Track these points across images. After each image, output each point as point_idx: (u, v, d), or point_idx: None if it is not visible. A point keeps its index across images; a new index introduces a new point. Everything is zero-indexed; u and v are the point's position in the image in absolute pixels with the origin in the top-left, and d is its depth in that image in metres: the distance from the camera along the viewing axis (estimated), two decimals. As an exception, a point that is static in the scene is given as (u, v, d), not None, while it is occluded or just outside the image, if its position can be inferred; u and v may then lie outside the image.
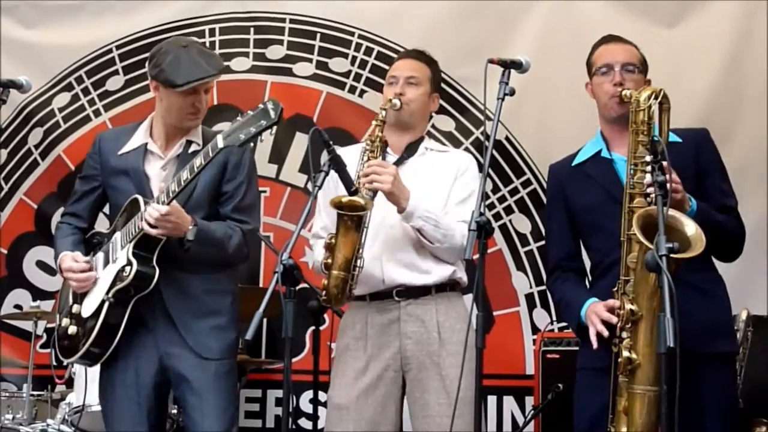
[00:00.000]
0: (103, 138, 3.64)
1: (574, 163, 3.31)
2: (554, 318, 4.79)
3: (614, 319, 2.93)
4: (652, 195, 2.87)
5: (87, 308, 3.39)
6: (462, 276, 3.51)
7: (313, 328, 4.23)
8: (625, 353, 2.87)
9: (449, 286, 3.47)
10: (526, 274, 5.02)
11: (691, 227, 2.82)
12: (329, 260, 3.27)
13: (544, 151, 4.90)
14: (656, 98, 3.00)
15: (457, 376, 3.27)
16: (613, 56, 3.23)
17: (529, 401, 4.72)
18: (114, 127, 3.76)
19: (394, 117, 3.46)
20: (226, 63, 5.24)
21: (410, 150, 3.54)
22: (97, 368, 3.65)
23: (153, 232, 3.24)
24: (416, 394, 3.41)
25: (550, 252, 3.41)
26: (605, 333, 2.95)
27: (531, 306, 4.97)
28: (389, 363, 3.42)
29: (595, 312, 3.01)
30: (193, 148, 3.43)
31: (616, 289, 2.97)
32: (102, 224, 3.68)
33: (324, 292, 3.30)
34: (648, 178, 2.92)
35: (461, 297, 3.56)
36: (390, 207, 3.33)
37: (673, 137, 3.11)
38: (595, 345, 2.97)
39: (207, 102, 3.46)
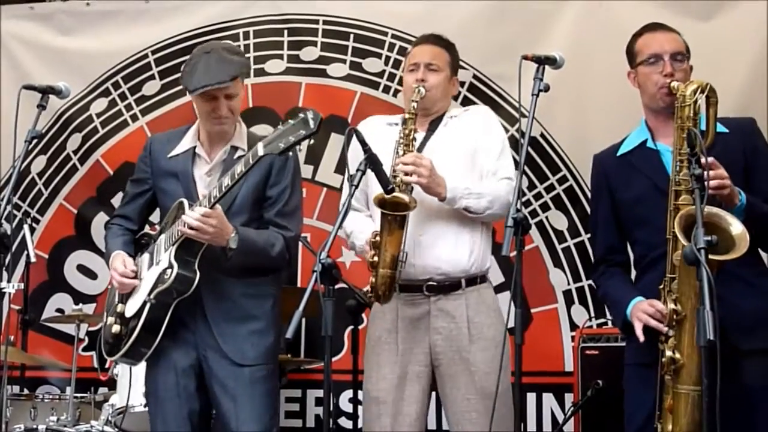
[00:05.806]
0: (154, 141, 3.68)
1: (620, 153, 3.24)
2: (593, 314, 4.78)
3: (653, 322, 2.92)
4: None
5: (130, 308, 3.43)
6: (488, 266, 3.52)
7: (351, 327, 4.24)
8: (669, 353, 2.86)
9: (480, 278, 3.48)
10: (564, 271, 5.00)
11: (736, 227, 2.77)
12: (375, 258, 3.28)
13: (579, 147, 4.89)
14: (703, 92, 2.95)
15: (486, 372, 3.30)
16: (660, 45, 3.16)
17: (569, 398, 4.70)
18: (165, 131, 3.77)
19: (418, 104, 3.45)
20: (260, 66, 5.33)
21: (434, 125, 3.55)
22: (139, 370, 3.69)
23: (193, 235, 3.27)
24: (447, 390, 3.42)
25: (595, 244, 3.38)
26: (642, 338, 2.95)
27: (569, 302, 4.95)
28: (420, 358, 3.43)
29: (641, 310, 2.99)
30: (238, 153, 3.43)
31: (662, 286, 2.94)
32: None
33: (371, 291, 3.31)
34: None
35: (491, 287, 3.55)
36: (422, 201, 3.33)
37: (720, 128, 3.04)
38: (641, 338, 2.95)
39: (234, 108, 3.44)
